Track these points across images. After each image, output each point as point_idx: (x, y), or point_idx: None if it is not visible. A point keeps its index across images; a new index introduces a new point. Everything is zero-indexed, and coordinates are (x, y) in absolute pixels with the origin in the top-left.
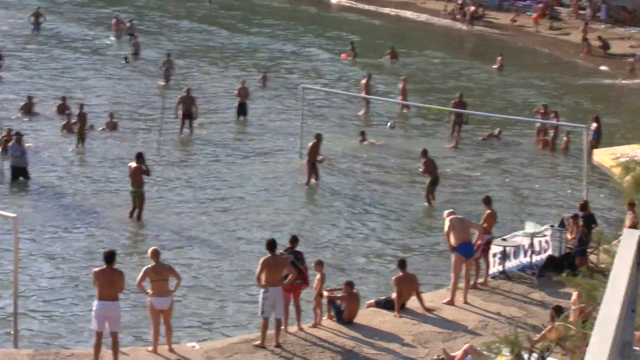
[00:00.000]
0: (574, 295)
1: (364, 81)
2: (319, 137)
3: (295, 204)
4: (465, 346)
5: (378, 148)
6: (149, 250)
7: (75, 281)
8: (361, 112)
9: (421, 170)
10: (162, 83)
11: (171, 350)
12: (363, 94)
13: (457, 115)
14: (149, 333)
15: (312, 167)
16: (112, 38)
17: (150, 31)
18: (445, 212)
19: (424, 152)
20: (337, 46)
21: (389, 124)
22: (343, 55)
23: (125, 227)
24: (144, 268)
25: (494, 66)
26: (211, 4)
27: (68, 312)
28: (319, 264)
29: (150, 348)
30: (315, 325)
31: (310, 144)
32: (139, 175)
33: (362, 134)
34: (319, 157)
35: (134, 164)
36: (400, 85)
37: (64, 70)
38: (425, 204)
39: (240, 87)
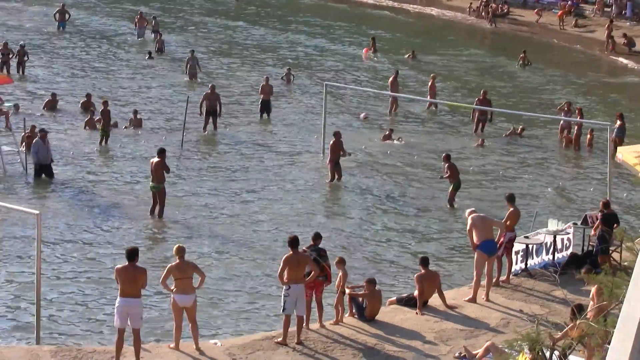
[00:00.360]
0: (593, 290)
1: (391, 78)
2: (337, 135)
3: (317, 201)
4: (487, 344)
5: (403, 146)
6: (174, 248)
7: (97, 278)
8: (389, 110)
9: (446, 176)
10: (187, 80)
11: (198, 349)
12: (389, 91)
13: (480, 113)
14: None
15: (335, 166)
16: (136, 36)
17: (176, 27)
18: (467, 211)
19: (447, 157)
20: (362, 42)
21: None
22: (364, 51)
23: (146, 224)
24: (168, 266)
25: (517, 63)
26: (238, 1)
27: (90, 308)
28: (341, 262)
29: (172, 344)
30: (337, 323)
31: (330, 142)
32: (160, 171)
33: (391, 131)
34: (344, 152)
35: (155, 159)
36: (430, 83)
37: (88, 67)
38: (446, 205)
39: (264, 84)
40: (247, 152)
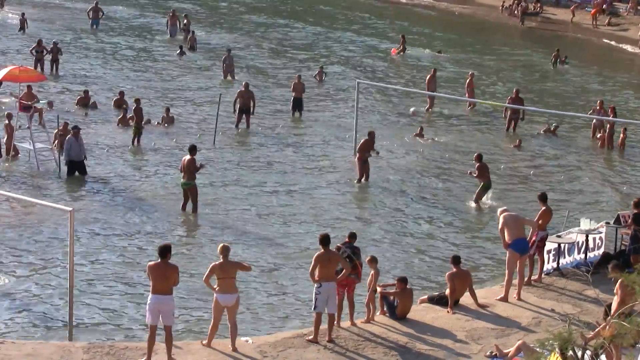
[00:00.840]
0: (617, 285)
1: (428, 76)
2: (371, 135)
3: (348, 200)
4: (519, 343)
5: (436, 144)
6: (219, 247)
7: (129, 275)
8: (425, 108)
9: (474, 175)
10: (223, 79)
11: (234, 349)
12: (426, 89)
13: (513, 112)
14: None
15: (364, 165)
16: (167, 34)
17: (209, 23)
18: (499, 210)
19: (479, 157)
20: (394, 39)
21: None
22: (393, 51)
23: (178, 220)
24: (211, 264)
25: (551, 61)
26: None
27: (123, 305)
28: (373, 260)
29: (204, 341)
30: (368, 321)
31: (362, 140)
32: (191, 168)
33: (421, 129)
34: (373, 152)
35: (187, 157)
36: (467, 80)
37: (121, 64)
38: (474, 204)
39: (296, 82)
40: (278, 150)
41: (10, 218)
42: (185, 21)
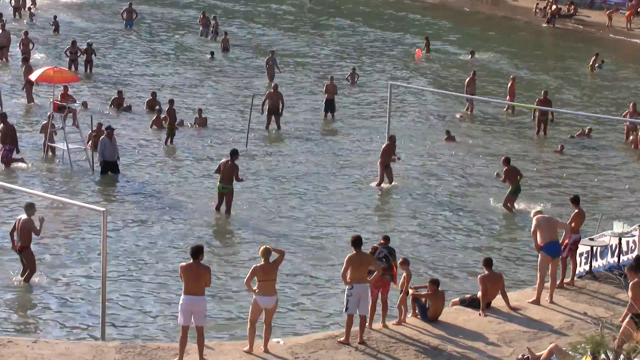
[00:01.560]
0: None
1: (468, 78)
2: (392, 139)
3: (379, 202)
4: (551, 346)
5: (466, 147)
6: (260, 250)
7: (162, 275)
8: (464, 110)
9: (501, 179)
10: (268, 81)
11: (266, 350)
12: (465, 91)
13: (541, 113)
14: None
15: (386, 169)
16: (199, 34)
17: (242, 26)
18: (533, 212)
19: (506, 160)
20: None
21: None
22: (417, 51)
23: (211, 222)
24: (253, 267)
25: (589, 65)
26: (311, 2)
27: (154, 305)
28: (405, 262)
29: (246, 348)
30: (399, 323)
31: (384, 145)
32: (230, 173)
33: (448, 132)
34: (394, 157)
35: (229, 161)
36: (509, 84)
37: (154, 65)
38: (503, 209)
39: (329, 84)
40: (310, 151)
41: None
42: (214, 22)
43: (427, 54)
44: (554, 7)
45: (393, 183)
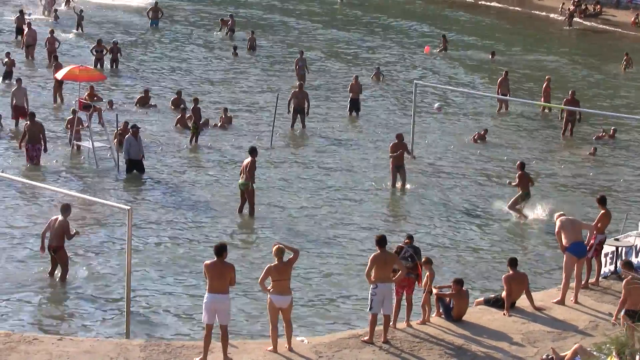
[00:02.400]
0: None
1: (500, 78)
2: (399, 137)
3: (403, 201)
4: (575, 346)
5: (493, 147)
6: (273, 249)
7: (186, 273)
8: (497, 110)
9: (513, 184)
10: (297, 81)
11: (290, 349)
12: (497, 91)
13: (569, 114)
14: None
15: (398, 170)
16: (218, 33)
17: (268, 26)
18: (556, 214)
19: (521, 165)
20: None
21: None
22: (426, 49)
23: (234, 221)
24: (267, 267)
25: (622, 65)
26: (342, 3)
27: (178, 303)
28: (428, 262)
29: (269, 348)
30: (423, 322)
31: (391, 144)
32: (251, 170)
33: (485, 131)
34: (410, 156)
35: (248, 158)
36: (544, 85)
37: (179, 64)
38: (513, 213)
39: (353, 83)
40: (334, 151)
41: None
42: (230, 22)
43: (443, 51)
44: (571, 7)
45: (407, 186)
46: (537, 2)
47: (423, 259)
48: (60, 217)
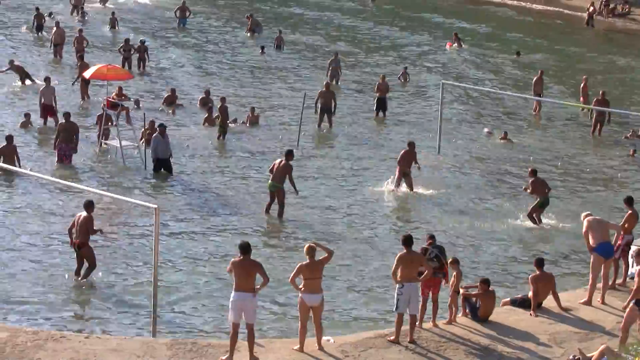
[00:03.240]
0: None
1: (535, 77)
2: (411, 145)
3: (429, 200)
4: (602, 347)
5: (522, 148)
6: (305, 247)
7: (213, 272)
8: (534, 110)
9: (528, 191)
10: (329, 82)
11: (320, 348)
12: (532, 91)
13: (599, 114)
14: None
15: (405, 177)
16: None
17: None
18: (583, 214)
19: (533, 172)
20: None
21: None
22: (448, 44)
23: (261, 220)
24: (298, 265)
25: None
26: (374, 2)
27: (205, 302)
28: (455, 262)
29: (296, 347)
30: (450, 322)
31: (402, 151)
32: (283, 172)
33: (505, 133)
34: (416, 165)
35: (282, 161)
36: (582, 85)
37: (207, 63)
38: (528, 222)
39: (380, 82)
40: (361, 150)
41: (98, 214)
42: (250, 20)
43: (457, 48)
44: (591, 8)
45: (414, 190)
46: (565, 2)
47: (450, 259)
48: (84, 214)
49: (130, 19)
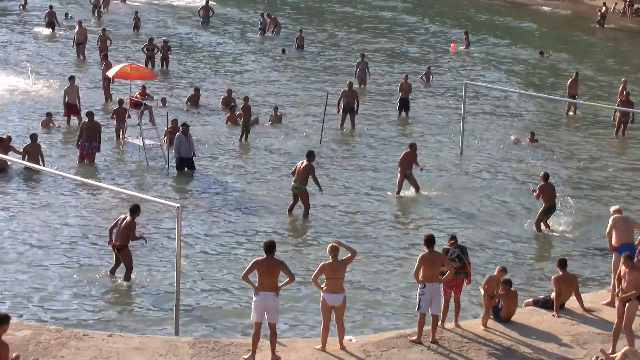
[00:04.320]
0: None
1: (570, 79)
2: (412, 147)
3: (449, 200)
4: (625, 349)
5: (545, 149)
6: (328, 247)
7: (236, 271)
8: (571, 112)
9: (534, 194)
10: (358, 85)
11: (342, 347)
12: (567, 93)
13: (622, 114)
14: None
15: (407, 178)
16: (259, 32)
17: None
18: (612, 208)
19: (544, 176)
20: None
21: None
22: (452, 46)
23: (284, 220)
24: (321, 264)
25: None
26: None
27: (227, 301)
28: (503, 270)
29: (318, 346)
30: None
31: (403, 153)
32: (306, 173)
33: (532, 134)
34: (418, 167)
35: (305, 162)
36: (620, 88)
37: (229, 62)
38: (533, 229)
39: (403, 82)
40: (383, 150)
41: (122, 213)
42: (269, 20)
43: (466, 49)
44: (603, 8)
45: (420, 191)
46: (589, 3)
47: (498, 268)
48: (128, 217)
49: (153, 18)
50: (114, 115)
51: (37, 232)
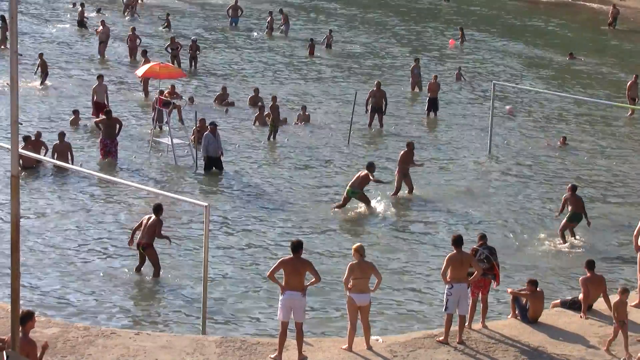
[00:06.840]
0: None
1: (630, 82)
2: (409, 146)
3: (474, 201)
4: None
5: (576, 151)
6: (354, 247)
7: (264, 270)
8: (629, 115)
9: (559, 212)
10: (410, 90)
11: (369, 347)
12: (627, 96)
13: None
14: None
15: (405, 177)
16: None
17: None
18: None
19: (572, 188)
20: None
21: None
22: (451, 42)
23: (311, 219)
24: (349, 264)
25: None
26: (448, 2)
27: (255, 301)
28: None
29: (344, 346)
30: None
31: (401, 152)
32: (363, 182)
33: (564, 138)
34: (417, 164)
35: (364, 172)
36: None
37: (258, 61)
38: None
39: (432, 82)
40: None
41: (148, 211)
42: (281, 17)
43: (461, 44)
44: (613, 8)
45: (413, 192)
46: (620, 3)
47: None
48: (153, 216)
49: (182, 17)
50: (154, 109)
51: (66, 231)
